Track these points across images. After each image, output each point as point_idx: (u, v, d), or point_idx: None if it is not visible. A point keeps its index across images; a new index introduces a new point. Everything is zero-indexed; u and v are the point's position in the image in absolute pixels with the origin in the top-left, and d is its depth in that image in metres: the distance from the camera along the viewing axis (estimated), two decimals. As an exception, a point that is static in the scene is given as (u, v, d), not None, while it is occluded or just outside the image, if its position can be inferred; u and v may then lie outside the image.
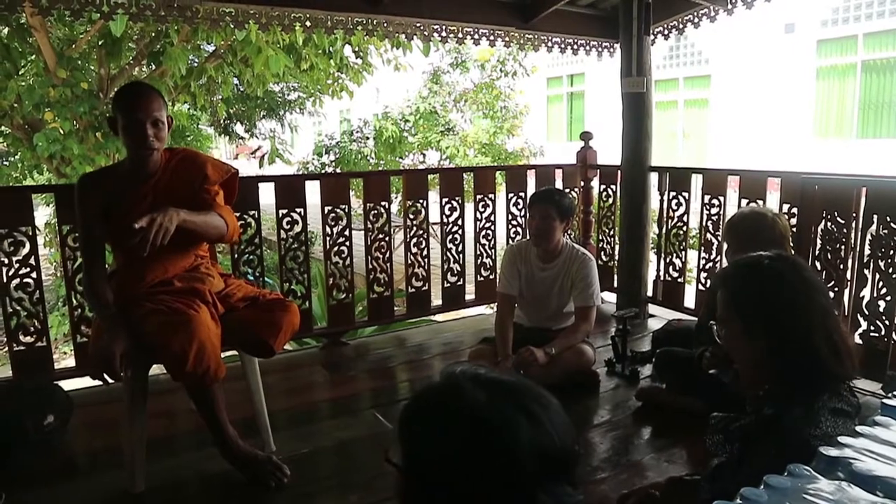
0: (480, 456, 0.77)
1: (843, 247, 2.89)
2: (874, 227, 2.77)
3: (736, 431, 1.29)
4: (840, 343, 1.29)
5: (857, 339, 2.85)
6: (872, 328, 2.78)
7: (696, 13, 4.12)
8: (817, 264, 2.97)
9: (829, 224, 2.92)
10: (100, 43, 6.54)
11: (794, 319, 1.27)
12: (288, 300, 2.34)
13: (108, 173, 2.28)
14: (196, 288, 2.10)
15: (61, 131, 6.05)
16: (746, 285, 1.35)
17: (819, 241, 2.96)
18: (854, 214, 2.84)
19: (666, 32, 4.33)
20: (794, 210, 3.08)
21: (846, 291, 2.90)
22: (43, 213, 7.50)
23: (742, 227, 2.39)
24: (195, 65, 7.11)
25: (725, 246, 2.46)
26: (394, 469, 0.83)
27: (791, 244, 2.40)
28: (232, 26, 3.46)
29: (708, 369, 2.37)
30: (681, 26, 4.26)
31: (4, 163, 7.63)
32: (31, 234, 2.81)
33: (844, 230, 2.87)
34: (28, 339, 2.84)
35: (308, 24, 3.58)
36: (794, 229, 3.05)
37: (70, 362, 3.37)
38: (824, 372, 1.26)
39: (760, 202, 3.28)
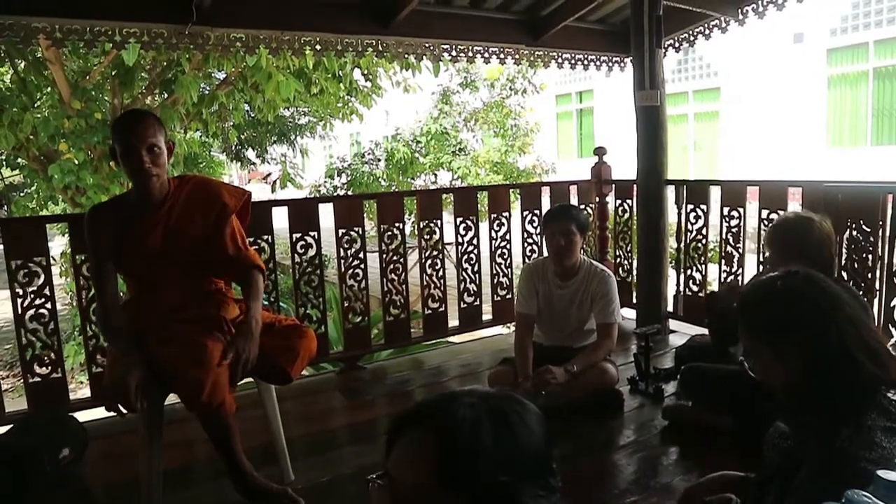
0: (446, 459, 0.77)
1: (870, 256, 2.81)
2: (902, 234, 2.70)
3: (784, 451, 1.23)
4: (878, 347, 1.23)
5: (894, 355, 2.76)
6: (905, 339, 2.70)
7: (707, 25, 4.10)
8: (844, 274, 2.90)
9: (854, 233, 2.85)
10: (113, 73, 6.63)
11: (825, 334, 1.22)
12: (304, 326, 2.30)
13: (117, 204, 2.25)
14: (212, 315, 2.06)
15: (76, 162, 6.11)
16: (766, 311, 1.30)
17: (845, 251, 2.89)
18: (881, 222, 2.77)
19: (677, 45, 4.31)
20: (818, 220, 3.00)
21: (875, 301, 2.82)
22: (59, 243, 7.56)
23: (786, 232, 2.27)
24: (206, 92, 7.17)
25: (767, 253, 2.35)
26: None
27: (834, 249, 2.29)
28: (243, 52, 3.48)
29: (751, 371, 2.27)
30: (692, 38, 4.24)
31: (21, 194, 7.71)
32: (45, 264, 2.80)
33: (871, 238, 2.80)
34: (43, 370, 2.82)
35: (318, 47, 3.59)
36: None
37: (86, 392, 3.34)
38: (868, 381, 1.19)
39: (782, 211, 3.21)
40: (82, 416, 2.74)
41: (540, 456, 0.81)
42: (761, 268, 3.32)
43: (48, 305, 2.81)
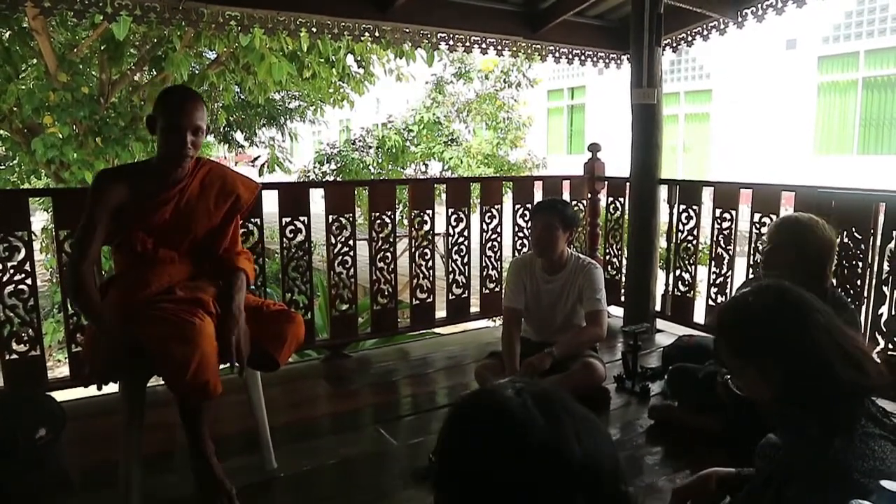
0: (495, 444, 0.77)
1: (860, 263, 2.82)
2: (893, 243, 2.71)
3: (777, 462, 1.22)
4: (856, 354, 1.24)
5: (875, 358, 2.78)
6: (891, 346, 2.71)
7: (705, 25, 4.09)
8: (833, 280, 2.91)
9: (845, 240, 2.85)
10: (102, 47, 6.48)
11: (798, 344, 1.24)
12: (292, 311, 2.26)
13: (131, 171, 2.20)
14: (199, 298, 2.02)
15: (60, 136, 5.98)
16: (741, 329, 1.33)
17: (836, 257, 2.89)
18: (872, 230, 2.78)
19: (674, 45, 4.30)
20: (810, 225, 3.01)
21: (863, 309, 2.84)
22: (40, 219, 7.42)
23: (790, 229, 2.24)
24: (197, 71, 7.05)
25: (766, 246, 2.31)
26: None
27: (833, 257, 2.27)
28: (237, 30, 3.41)
29: (725, 397, 2.30)
30: (690, 38, 4.23)
31: (2, 167, 7.55)
32: (26, 239, 2.73)
33: (862, 246, 2.81)
34: (21, 347, 2.75)
35: (314, 29, 3.53)
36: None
37: (64, 371, 3.28)
38: (849, 388, 1.20)
39: (774, 215, 3.21)
40: (60, 395, 2.67)
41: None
42: (751, 269, 3.33)
43: (28, 281, 2.74)
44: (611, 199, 4.24)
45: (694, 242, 3.71)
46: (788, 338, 1.24)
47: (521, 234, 4.06)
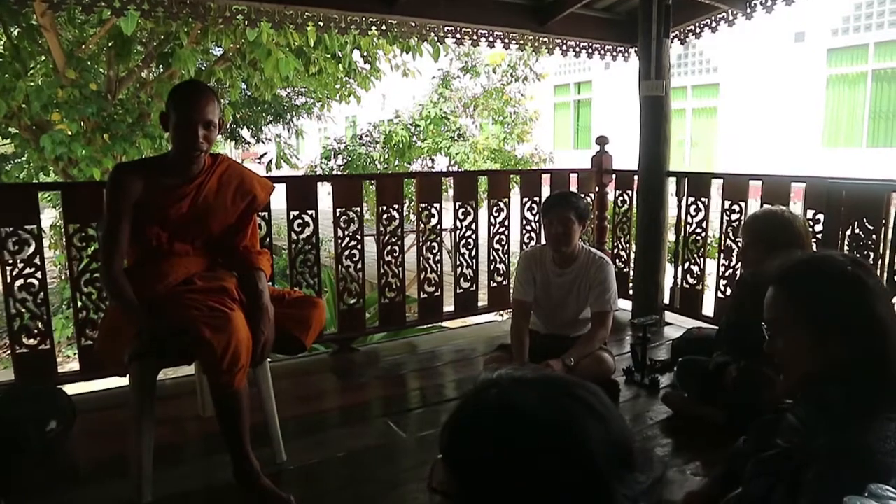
0: (552, 458, 0.69)
1: (871, 254, 2.80)
2: (905, 234, 2.69)
3: (795, 445, 1.20)
4: None
5: None
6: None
7: (714, 17, 4.05)
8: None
9: (857, 230, 2.83)
10: (109, 44, 6.50)
11: (877, 331, 1.15)
12: (314, 297, 2.31)
13: (148, 165, 2.20)
14: (222, 286, 2.06)
15: (68, 133, 6.00)
16: (824, 293, 1.18)
17: (847, 248, 2.87)
18: (883, 221, 2.76)
19: (682, 37, 4.26)
20: (820, 216, 2.99)
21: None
22: (48, 216, 7.46)
23: (759, 226, 2.31)
24: (204, 68, 7.06)
25: (746, 244, 2.38)
26: (442, 499, 0.74)
27: (811, 245, 2.31)
28: (244, 25, 3.41)
29: (733, 388, 2.30)
30: (698, 30, 4.19)
31: (11, 164, 7.59)
32: (36, 232, 2.74)
33: (873, 236, 2.78)
34: (31, 341, 2.76)
35: (321, 23, 3.52)
36: (820, 235, 2.97)
37: (74, 365, 3.30)
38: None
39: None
40: (70, 389, 2.69)
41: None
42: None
43: (38, 275, 2.75)
44: (619, 192, 4.22)
45: (703, 235, 3.69)
46: (869, 321, 1.15)
47: (528, 228, 4.05)
